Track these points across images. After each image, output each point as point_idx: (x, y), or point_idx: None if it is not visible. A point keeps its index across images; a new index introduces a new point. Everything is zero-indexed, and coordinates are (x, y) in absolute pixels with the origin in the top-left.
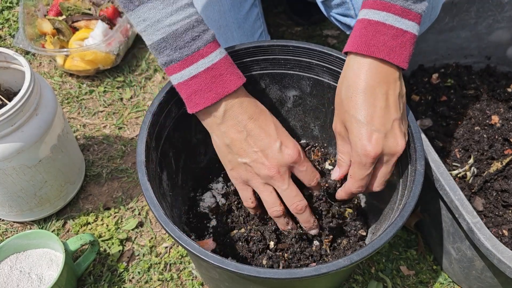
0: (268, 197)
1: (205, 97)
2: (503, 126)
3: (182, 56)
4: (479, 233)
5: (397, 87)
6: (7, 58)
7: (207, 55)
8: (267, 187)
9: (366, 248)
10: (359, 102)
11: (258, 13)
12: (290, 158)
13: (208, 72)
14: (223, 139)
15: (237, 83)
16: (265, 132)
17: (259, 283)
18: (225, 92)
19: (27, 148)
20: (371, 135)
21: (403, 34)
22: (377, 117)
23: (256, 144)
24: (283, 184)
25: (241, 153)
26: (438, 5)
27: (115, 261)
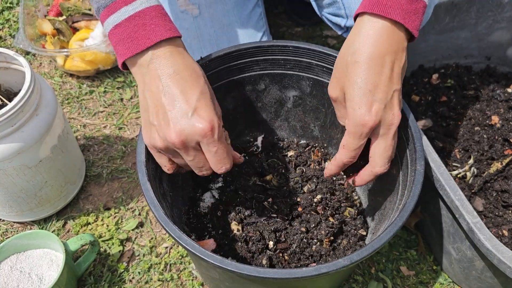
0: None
1: (126, 46)
2: (503, 126)
3: (107, 2)
4: (479, 233)
5: (403, 58)
6: (8, 58)
7: (131, 2)
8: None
9: (366, 248)
10: (365, 68)
11: (261, 13)
12: (198, 130)
13: (130, 20)
14: (144, 92)
15: (162, 35)
16: (183, 95)
17: (259, 283)
18: (147, 44)
19: (27, 149)
20: (372, 104)
21: (418, 1)
22: (381, 87)
23: (169, 105)
24: (188, 156)
25: (154, 111)
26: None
27: (115, 261)
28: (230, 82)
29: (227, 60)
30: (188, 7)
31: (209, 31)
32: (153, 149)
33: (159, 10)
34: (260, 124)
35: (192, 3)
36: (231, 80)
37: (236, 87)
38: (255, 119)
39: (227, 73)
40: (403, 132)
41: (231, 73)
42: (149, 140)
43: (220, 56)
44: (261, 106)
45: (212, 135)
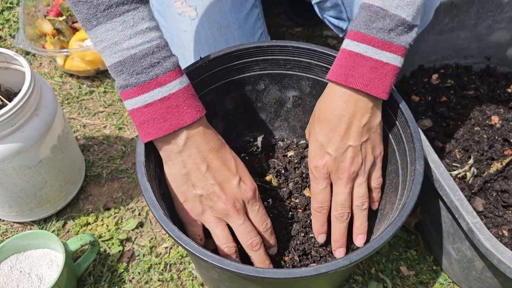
0: (220, 233)
1: (158, 127)
2: (503, 126)
3: (139, 82)
4: (479, 234)
5: (365, 117)
6: (8, 58)
7: (165, 83)
8: (221, 222)
9: (366, 248)
10: (323, 126)
11: (258, 13)
12: (247, 194)
13: (164, 101)
14: (180, 169)
15: (194, 117)
16: (225, 166)
17: (259, 283)
18: (180, 125)
19: (27, 149)
20: (323, 156)
21: (383, 66)
22: (333, 142)
23: (215, 177)
24: (239, 219)
25: (198, 184)
26: (431, 9)
27: (115, 261)
28: (230, 82)
29: (227, 60)
30: (186, 9)
31: (206, 33)
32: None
33: (190, 91)
34: (260, 124)
35: (189, 5)
36: (231, 81)
37: (236, 87)
38: (255, 119)
39: (227, 73)
40: (402, 132)
41: (231, 73)
42: (192, 210)
43: (220, 57)
44: (261, 106)
45: (255, 195)
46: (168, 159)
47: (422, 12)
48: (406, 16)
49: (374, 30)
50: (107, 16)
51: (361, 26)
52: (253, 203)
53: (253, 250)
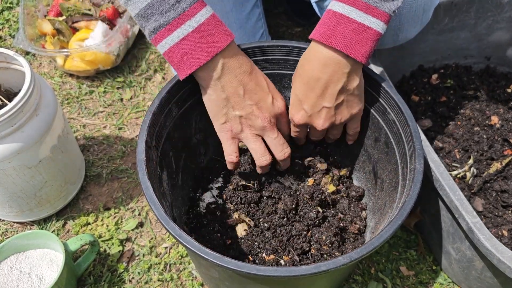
0: (259, 147)
1: (196, 57)
2: (502, 126)
3: (169, 19)
4: (478, 233)
5: (341, 82)
6: (7, 58)
7: (193, 15)
8: (258, 138)
9: (366, 246)
10: (302, 83)
11: (259, 13)
12: (279, 110)
13: (196, 32)
14: (220, 93)
15: (226, 40)
16: (260, 87)
17: (259, 281)
18: (216, 51)
19: (27, 149)
20: (300, 110)
21: (365, 30)
22: (309, 101)
23: (252, 98)
24: (273, 133)
25: (237, 106)
26: (430, 9)
27: (115, 261)
28: None
29: None
30: None
31: None
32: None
33: (216, 18)
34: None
35: None
36: None
37: None
38: None
39: None
40: (402, 131)
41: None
42: (232, 128)
43: None
44: None
45: (286, 113)
46: (209, 86)
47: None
48: None
49: None
50: None
51: None
52: (283, 116)
53: (285, 159)
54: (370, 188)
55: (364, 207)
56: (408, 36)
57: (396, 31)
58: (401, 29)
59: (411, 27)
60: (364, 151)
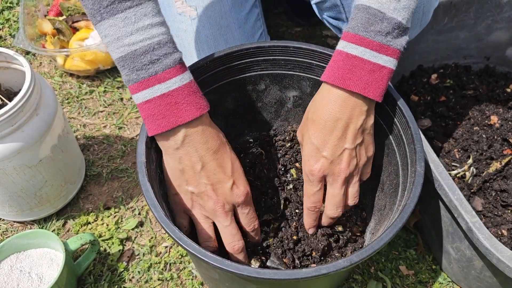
0: (204, 230)
1: (157, 123)
2: (502, 126)
3: (139, 78)
4: (478, 233)
5: (360, 120)
6: (8, 58)
7: (164, 81)
8: (207, 220)
9: (366, 249)
10: (318, 128)
11: (258, 13)
12: (238, 198)
13: (162, 98)
14: (176, 164)
15: (194, 114)
16: (221, 168)
17: (259, 284)
18: (178, 122)
19: (27, 148)
20: (319, 159)
21: (380, 69)
22: (329, 145)
23: (209, 178)
24: (225, 221)
25: (192, 182)
26: (429, 10)
27: (115, 260)
28: (231, 82)
29: (228, 60)
30: (186, 9)
31: (206, 32)
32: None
33: (191, 88)
34: (260, 124)
35: (189, 5)
36: (231, 80)
37: (236, 87)
38: (255, 119)
39: (228, 73)
40: (403, 133)
41: (232, 73)
42: (182, 203)
43: (221, 57)
44: (262, 106)
45: (246, 199)
46: (166, 153)
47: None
48: (402, 19)
49: (372, 33)
50: (110, 12)
51: (359, 29)
52: (243, 206)
53: (234, 253)
54: (370, 189)
55: (364, 208)
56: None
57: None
58: None
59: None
60: None
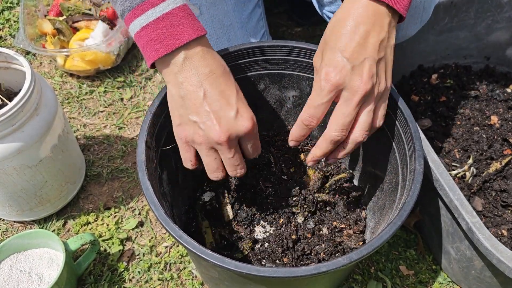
0: (211, 162)
1: (155, 48)
2: (502, 126)
3: (133, 4)
4: (478, 233)
5: (383, 32)
6: (8, 58)
7: (158, 3)
8: (212, 152)
9: (365, 247)
10: (340, 33)
11: (261, 13)
12: (243, 129)
13: (158, 22)
14: (178, 90)
15: (191, 35)
16: (224, 95)
17: (259, 282)
18: (176, 44)
19: (27, 148)
20: (339, 63)
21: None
22: (351, 48)
23: (211, 105)
24: (229, 153)
25: (194, 110)
26: (430, 7)
27: (115, 260)
28: None
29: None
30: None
31: (209, 31)
32: (185, 143)
33: (185, 10)
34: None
35: (193, 4)
36: None
37: None
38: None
39: None
40: (402, 131)
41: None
42: (186, 134)
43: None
44: (261, 106)
45: (253, 131)
46: (168, 80)
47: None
48: None
49: None
50: None
51: None
52: (248, 138)
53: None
54: (370, 188)
55: (364, 207)
56: (408, 33)
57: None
58: (400, 27)
59: (411, 24)
60: (364, 151)
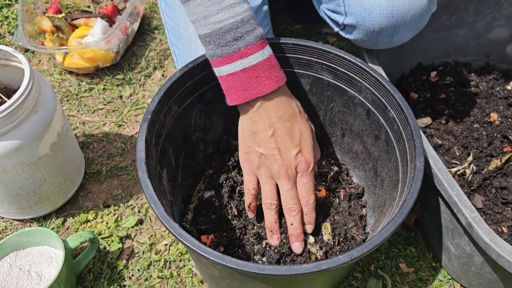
0: (269, 190)
1: (238, 94)
2: (502, 123)
3: (223, 53)
4: (477, 228)
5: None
6: (7, 55)
7: (246, 56)
8: (272, 180)
9: (366, 245)
10: None
11: (266, 11)
12: (302, 165)
13: (245, 72)
14: (250, 126)
15: (272, 87)
16: (290, 136)
17: (259, 280)
18: (258, 94)
19: (26, 146)
20: None
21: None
22: None
23: (277, 143)
24: (287, 184)
25: (262, 144)
26: (427, 14)
27: (114, 258)
28: None
29: None
30: None
31: None
32: (250, 170)
33: (270, 62)
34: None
35: None
36: None
37: None
38: None
39: None
40: (402, 129)
41: None
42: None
43: None
44: None
45: (308, 169)
46: (243, 115)
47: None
48: None
49: None
50: None
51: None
52: (305, 175)
53: (290, 215)
54: (370, 185)
55: (364, 205)
56: (402, 39)
57: (391, 33)
58: (396, 32)
59: (406, 30)
60: (364, 148)
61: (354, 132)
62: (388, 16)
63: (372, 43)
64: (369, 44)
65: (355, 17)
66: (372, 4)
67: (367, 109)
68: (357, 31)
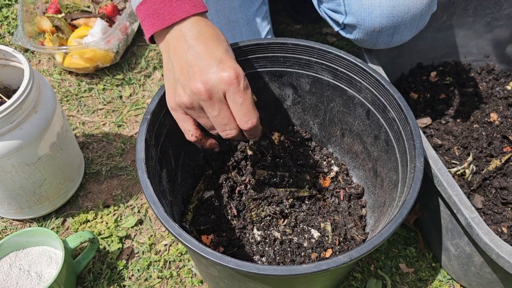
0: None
1: (152, 22)
2: (502, 123)
3: None
4: (477, 228)
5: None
6: (6, 55)
7: None
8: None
9: (366, 245)
10: None
11: (266, 11)
12: (224, 79)
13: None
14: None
15: (188, 11)
16: (209, 50)
17: (259, 280)
18: (173, 20)
19: (26, 146)
20: None
21: None
22: None
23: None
24: (213, 110)
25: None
26: (427, 14)
27: (114, 258)
28: None
29: None
30: None
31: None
32: (178, 109)
33: None
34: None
35: None
36: None
37: None
38: None
39: None
40: (402, 129)
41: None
42: (174, 98)
43: None
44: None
45: (238, 83)
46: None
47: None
48: None
49: None
50: None
51: None
52: (234, 92)
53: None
54: (370, 185)
55: (364, 205)
56: (402, 38)
57: (391, 33)
58: (396, 31)
59: (406, 30)
60: (364, 148)
61: (354, 132)
62: (388, 16)
63: (372, 43)
64: (369, 44)
65: (355, 17)
66: (372, 4)
67: (367, 109)
68: (357, 30)
